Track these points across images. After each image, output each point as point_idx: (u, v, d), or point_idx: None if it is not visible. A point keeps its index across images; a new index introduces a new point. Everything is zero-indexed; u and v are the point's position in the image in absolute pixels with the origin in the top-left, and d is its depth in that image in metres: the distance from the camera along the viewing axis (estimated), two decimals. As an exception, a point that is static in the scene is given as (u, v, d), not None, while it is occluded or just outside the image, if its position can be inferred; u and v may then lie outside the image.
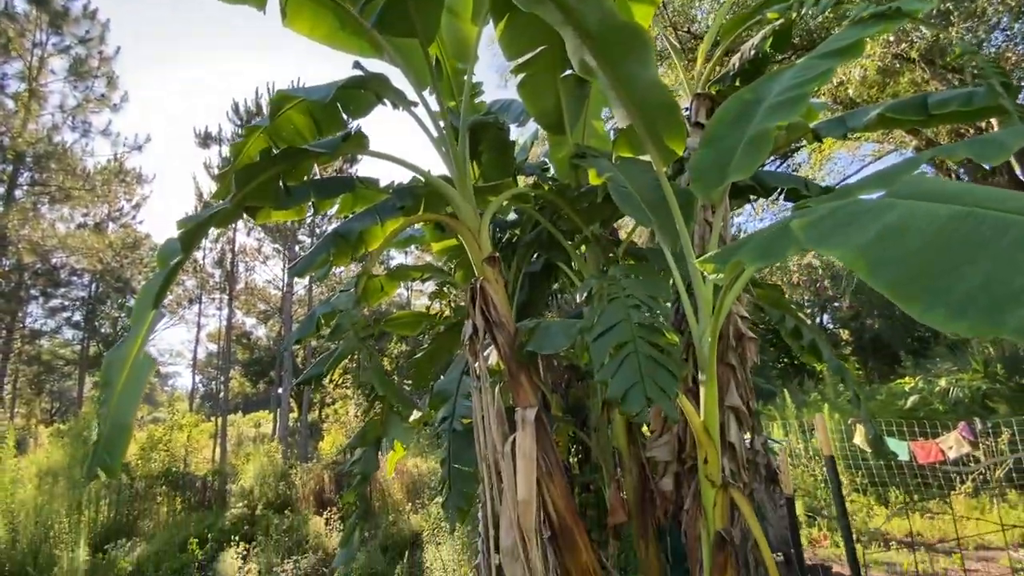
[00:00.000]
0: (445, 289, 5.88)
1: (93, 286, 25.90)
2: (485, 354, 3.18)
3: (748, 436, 2.88)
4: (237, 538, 7.33)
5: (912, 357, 15.77)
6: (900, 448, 7.64)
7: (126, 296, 28.86)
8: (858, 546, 6.56)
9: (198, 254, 22.56)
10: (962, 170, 12.94)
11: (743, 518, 2.46)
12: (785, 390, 10.55)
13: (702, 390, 2.25)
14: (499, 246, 4.57)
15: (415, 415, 4.13)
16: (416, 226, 4.77)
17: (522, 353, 2.82)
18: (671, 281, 2.53)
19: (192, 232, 1.95)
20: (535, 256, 4.44)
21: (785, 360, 19.52)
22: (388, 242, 3.41)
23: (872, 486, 7.80)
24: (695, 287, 2.25)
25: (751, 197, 4.15)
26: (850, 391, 4.12)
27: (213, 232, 22.06)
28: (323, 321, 3.63)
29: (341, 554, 2.94)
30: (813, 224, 1.05)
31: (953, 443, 7.28)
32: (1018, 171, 11.98)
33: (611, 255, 3.59)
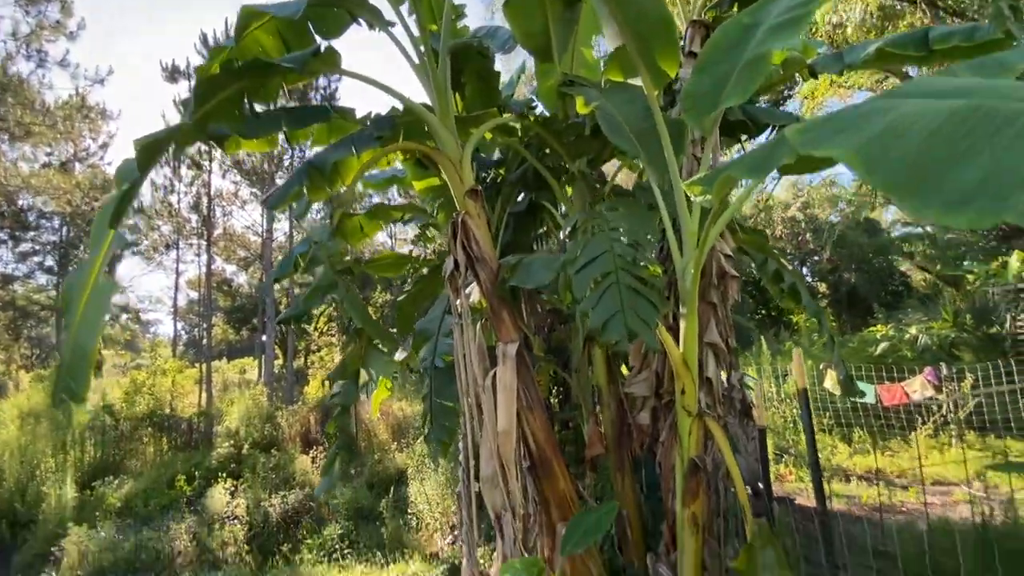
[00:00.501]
0: (428, 232, 5.76)
1: (64, 230, 25.06)
2: (467, 292, 3.14)
3: (724, 373, 2.93)
4: (224, 475, 7.50)
5: (885, 310, 16.25)
6: (867, 391, 7.99)
7: (100, 241, 28.00)
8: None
9: (173, 198, 21.78)
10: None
11: (716, 447, 2.53)
12: (762, 337, 10.81)
13: (682, 324, 2.25)
14: (484, 186, 4.44)
15: (399, 355, 4.13)
16: (397, 165, 4.60)
17: (504, 289, 2.78)
18: (657, 218, 2.47)
19: (149, 149, 1.82)
20: (520, 196, 4.33)
21: (763, 311, 19.96)
22: (362, 173, 3.27)
23: (838, 426, 8.19)
24: (681, 219, 2.20)
25: (742, 138, 4.05)
26: (825, 334, 4.21)
27: (187, 175, 21.20)
28: (301, 260, 3.53)
29: (322, 482, 3.00)
30: (809, 129, 0.99)
31: (918, 386, 7.61)
32: None
33: (597, 193, 3.51)
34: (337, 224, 3.94)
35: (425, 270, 5.46)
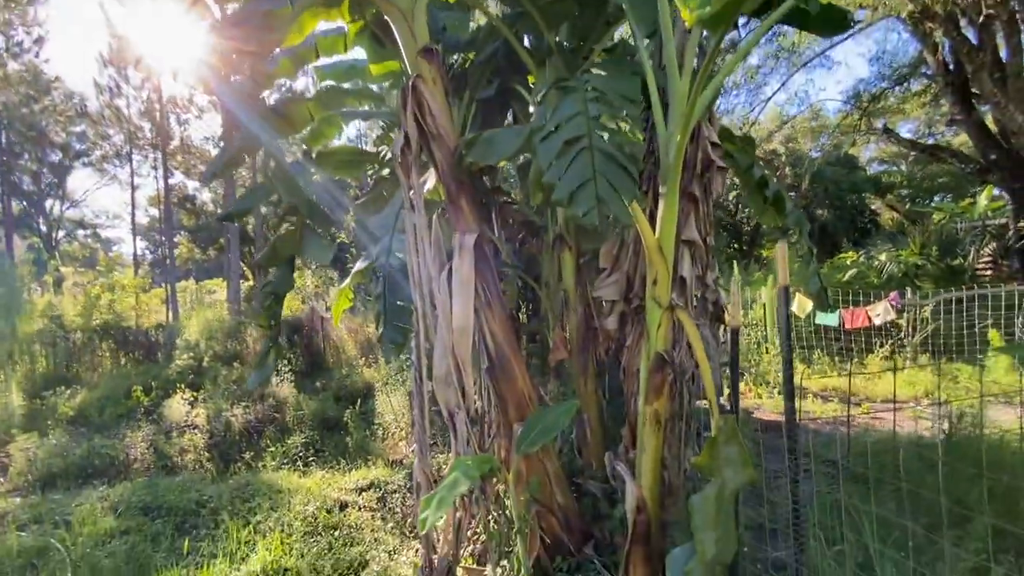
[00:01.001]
0: (393, 133, 5.24)
1: (3, 135, 23.05)
2: (423, 180, 2.79)
3: (699, 273, 2.72)
4: (183, 387, 7.30)
5: (853, 246, 16.50)
6: (832, 315, 8.12)
7: (43, 149, 25.92)
8: (779, 397, 7.19)
9: (120, 101, 19.92)
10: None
11: (683, 348, 2.36)
12: (734, 262, 10.82)
13: (661, 204, 1.98)
14: (451, 72, 3.93)
15: (361, 264, 3.82)
16: (359, 54, 4.01)
17: (463, 170, 2.45)
18: (640, 83, 2.12)
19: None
20: (490, 82, 3.86)
21: (734, 245, 20.08)
22: (305, 35, 2.77)
23: (800, 348, 8.39)
24: (670, 79, 1.87)
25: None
26: (804, 245, 4.04)
27: (136, 77, 19.24)
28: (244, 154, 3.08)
29: (255, 375, 2.77)
30: None
31: (881, 311, 7.75)
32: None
33: (576, 69, 3.09)
34: (283, 110, 3.45)
35: (387, 171, 5.03)
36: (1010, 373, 6.43)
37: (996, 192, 17.09)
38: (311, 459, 5.89)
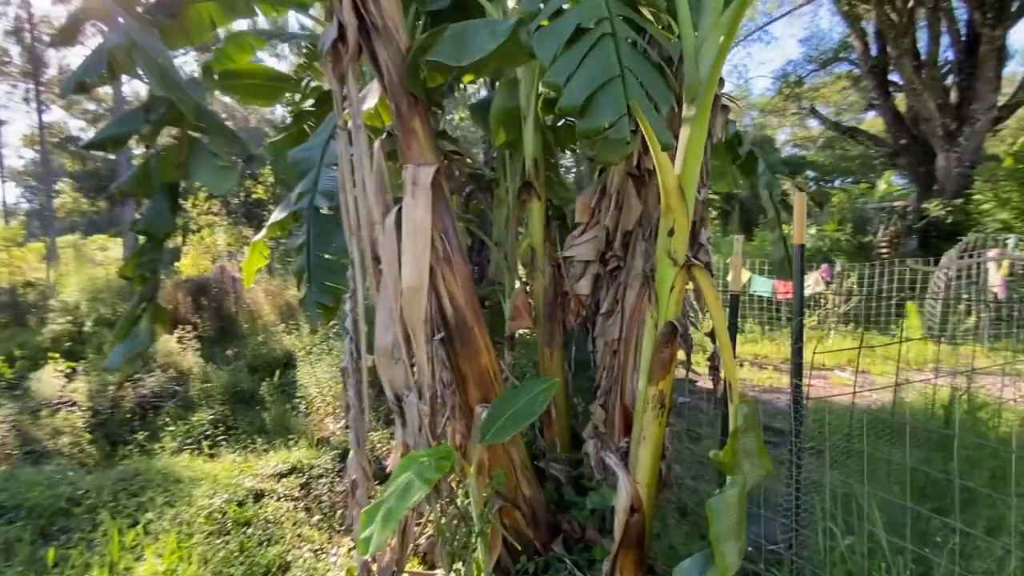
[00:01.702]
0: (317, 63, 4.41)
1: None
2: (362, 95, 2.17)
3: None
4: (58, 356, 6.13)
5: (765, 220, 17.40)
6: (766, 285, 8.34)
7: None
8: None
9: (-29, 12, 16.53)
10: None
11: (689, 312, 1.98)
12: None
13: (684, 133, 1.53)
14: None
15: (279, 215, 3.10)
16: None
17: (416, 78, 1.86)
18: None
19: None
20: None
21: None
22: None
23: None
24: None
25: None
26: (773, 209, 3.84)
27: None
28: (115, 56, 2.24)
29: (118, 349, 2.07)
30: None
31: (812, 282, 8.03)
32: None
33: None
34: (174, 9, 2.60)
35: (310, 103, 4.23)
36: (925, 342, 6.89)
37: (895, 178, 18.64)
38: (221, 439, 5.13)
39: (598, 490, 2.46)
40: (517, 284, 3.71)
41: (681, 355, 1.94)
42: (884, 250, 12.62)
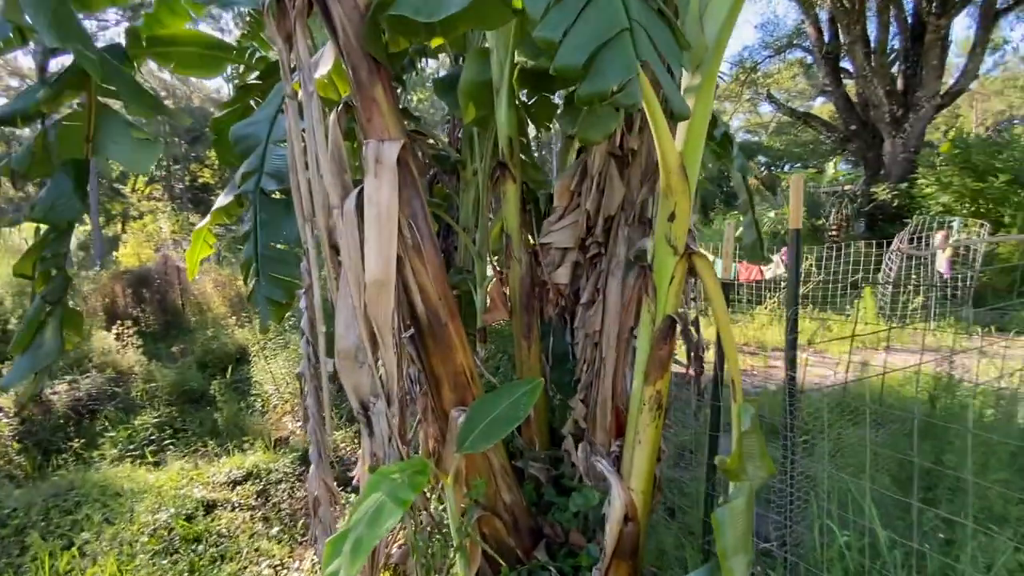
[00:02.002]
0: (264, 34, 4.01)
1: None
2: (314, 60, 1.90)
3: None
4: (-26, 359, 5.51)
5: (723, 206, 17.92)
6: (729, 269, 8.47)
7: None
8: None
9: None
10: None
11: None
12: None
13: (688, 102, 1.36)
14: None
15: (224, 200, 2.77)
16: None
17: (378, 39, 1.62)
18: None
19: None
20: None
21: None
22: None
23: (695, 301, 8.68)
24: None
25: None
26: (746, 194, 3.78)
27: None
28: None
29: (18, 363, 1.74)
30: None
31: (772, 265, 8.20)
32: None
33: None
34: None
35: (255, 75, 3.85)
36: (878, 321, 7.14)
37: (842, 164, 19.39)
38: (168, 443, 4.74)
39: (580, 490, 2.33)
40: (490, 272, 3.51)
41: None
42: (834, 233, 13.11)
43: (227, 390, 5.48)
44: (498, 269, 2.88)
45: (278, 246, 2.11)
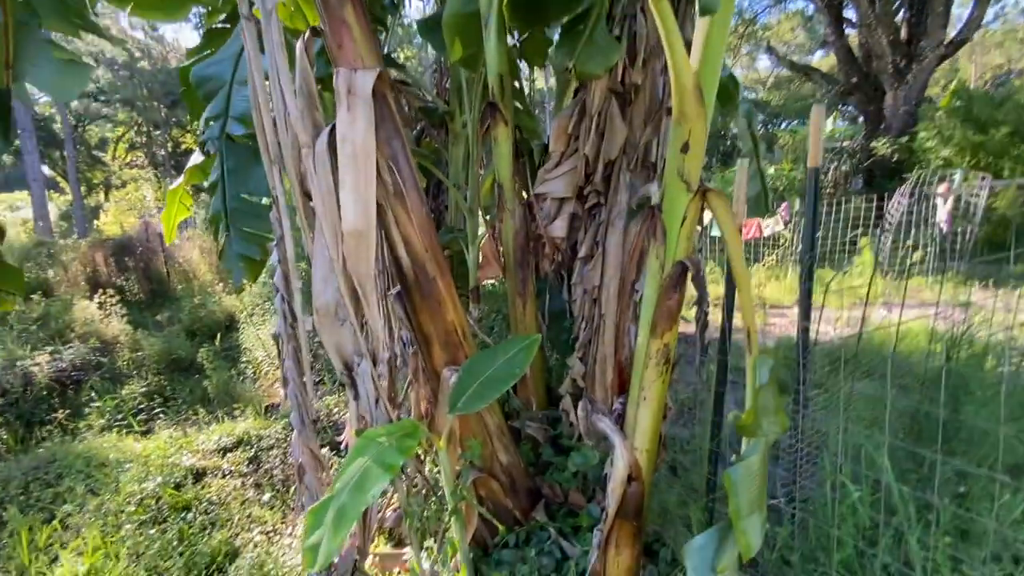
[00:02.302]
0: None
1: None
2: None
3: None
4: (-52, 331, 5.33)
5: (720, 164, 17.62)
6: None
7: None
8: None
9: None
10: None
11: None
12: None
13: (701, 20, 1.18)
14: None
15: (201, 156, 2.56)
16: None
17: (345, -52, 1.40)
18: None
19: None
20: None
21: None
22: None
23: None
24: None
25: None
26: (751, 142, 3.59)
27: None
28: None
29: None
30: None
31: (771, 222, 8.05)
32: None
33: None
34: None
35: (223, 17, 3.55)
36: (879, 276, 7.06)
37: (840, 123, 18.99)
38: (157, 412, 4.65)
39: (579, 449, 2.25)
40: (482, 229, 3.34)
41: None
42: (831, 190, 12.94)
43: (216, 358, 5.35)
44: (490, 224, 2.71)
45: (247, 197, 1.93)
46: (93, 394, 4.87)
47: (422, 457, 2.36)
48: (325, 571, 1.99)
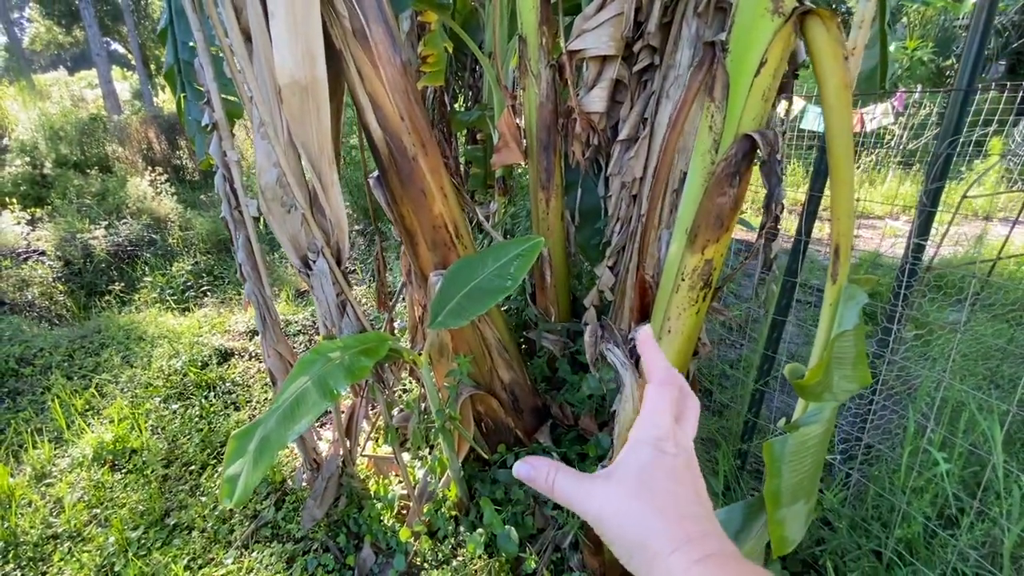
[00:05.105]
0: None
1: None
2: None
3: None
4: (15, 202, 5.60)
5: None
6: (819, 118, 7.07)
7: None
8: (750, 212, 6.48)
9: None
10: None
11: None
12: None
13: None
14: None
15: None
16: None
17: None
18: None
19: None
20: None
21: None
22: None
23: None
24: None
25: None
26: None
27: None
28: None
29: None
30: None
31: (879, 113, 6.75)
32: None
33: None
34: None
35: None
36: (1000, 186, 5.87)
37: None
38: (205, 289, 4.79)
39: (600, 368, 1.95)
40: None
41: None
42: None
43: (264, 239, 5.37)
44: (512, 95, 2.21)
45: (195, 46, 1.56)
46: (147, 268, 5.07)
47: (415, 369, 2.16)
48: (314, 472, 1.91)
